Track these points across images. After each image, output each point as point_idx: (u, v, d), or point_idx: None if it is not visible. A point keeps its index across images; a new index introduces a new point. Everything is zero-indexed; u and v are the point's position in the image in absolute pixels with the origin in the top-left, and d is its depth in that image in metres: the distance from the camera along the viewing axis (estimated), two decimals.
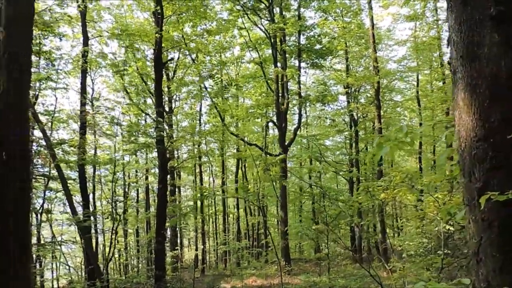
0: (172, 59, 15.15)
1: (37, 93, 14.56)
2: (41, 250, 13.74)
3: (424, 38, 22.87)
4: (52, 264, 22.77)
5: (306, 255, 30.66)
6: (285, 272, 17.45)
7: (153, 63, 13.16)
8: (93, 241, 19.97)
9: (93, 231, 16.74)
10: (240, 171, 28.79)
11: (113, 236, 9.22)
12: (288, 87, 21.27)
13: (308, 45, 22.00)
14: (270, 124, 27.30)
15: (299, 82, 22.12)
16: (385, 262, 17.40)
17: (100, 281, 9.11)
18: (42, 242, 17.47)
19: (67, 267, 19.92)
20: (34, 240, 17.52)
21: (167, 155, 12.94)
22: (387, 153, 2.67)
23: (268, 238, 30.18)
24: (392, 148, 2.68)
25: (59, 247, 17.23)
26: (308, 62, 23.09)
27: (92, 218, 10.30)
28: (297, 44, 21.54)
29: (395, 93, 27.75)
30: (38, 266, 17.47)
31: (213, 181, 30.19)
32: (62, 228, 24.29)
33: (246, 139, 22.80)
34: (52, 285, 21.54)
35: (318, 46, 22.12)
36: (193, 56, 18.43)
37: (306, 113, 29.43)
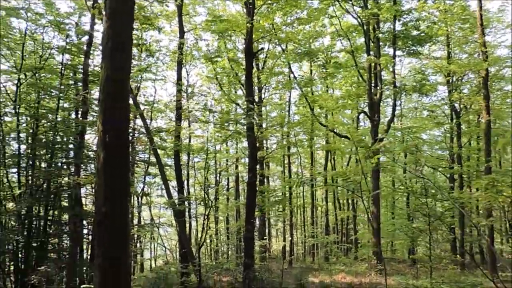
0: (262, 49, 15.16)
1: (139, 84, 15.70)
2: (141, 230, 14.83)
3: None
4: (150, 244, 24.72)
5: (399, 255, 29.02)
6: (377, 271, 16.64)
7: (244, 54, 13.29)
8: (187, 225, 21.16)
9: (187, 215, 17.70)
10: (329, 163, 28.19)
11: (205, 222, 9.52)
12: (382, 77, 20.07)
13: (405, 31, 20.46)
14: (362, 116, 26.22)
15: (393, 71, 20.73)
16: (491, 270, 15.66)
17: (192, 264, 9.49)
18: (142, 223, 18.95)
19: (164, 248, 21.32)
20: (135, 221, 19.10)
21: (257, 145, 13.02)
22: None
23: (358, 234, 29.26)
24: None
25: (156, 229, 18.55)
26: (404, 49, 21.53)
27: (186, 203, 10.79)
28: (392, 30, 20.15)
29: (505, 82, 24.71)
30: (138, 245, 19.01)
31: (302, 172, 29.99)
32: (160, 211, 26.15)
33: (336, 130, 22.10)
34: (150, 263, 23.36)
35: (415, 32, 20.46)
36: (283, 46, 18.30)
37: (401, 104, 27.69)
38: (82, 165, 11.11)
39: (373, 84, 19.67)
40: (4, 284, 10.34)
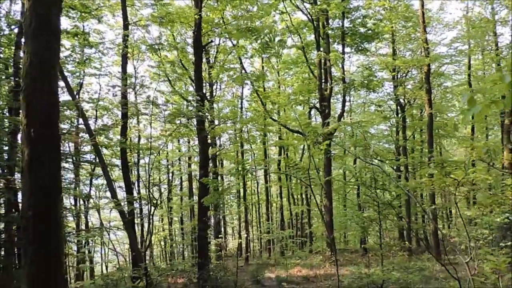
0: (211, 41, 14.80)
1: (81, 80, 14.80)
2: (89, 236, 14.02)
3: (477, 19, 21.32)
4: (101, 249, 23.63)
5: (352, 245, 29.83)
6: (331, 262, 16.90)
7: (193, 47, 12.89)
8: (138, 228, 20.40)
9: (137, 217, 17.00)
10: (282, 160, 28.36)
11: (151, 221, 9.03)
12: (332, 73, 20.42)
13: (353, 28, 20.97)
14: (313, 112, 26.62)
15: (343, 68, 21.17)
16: (436, 254, 16.45)
17: (139, 268, 8.98)
18: (90, 228, 17.97)
19: (115, 253, 20.42)
20: (82, 226, 18.10)
21: (209, 141, 12.70)
22: (478, 113, 2.10)
23: (313, 228, 29.71)
24: (485, 108, 2.11)
25: (106, 234, 17.67)
26: (352, 46, 22.07)
27: (135, 204, 10.24)
28: (341, 27, 20.56)
29: (445, 78, 26.13)
30: (86, 252, 18.02)
31: (255, 168, 29.91)
32: (110, 215, 25.04)
33: (288, 126, 22.21)
34: (101, 269, 22.31)
35: (363, 30, 21.04)
36: (234, 41, 18.05)
37: (350, 100, 28.45)
38: (15, 167, 10.21)
39: (323, 80, 19.99)
40: None
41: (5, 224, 10.20)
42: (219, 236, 18.56)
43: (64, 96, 13.95)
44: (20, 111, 4.13)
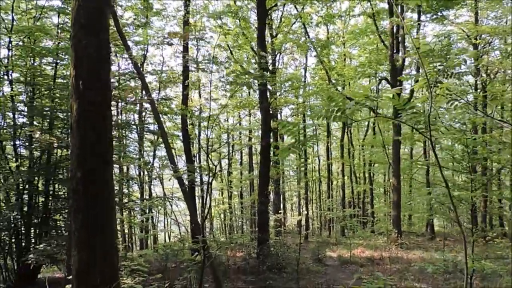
0: (276, 4, 13.94)
1: (145, 52, 14.77)
2: (152, 204, 14.24)
3: None
4: (164, 220, 24.46)
5: (416, 228, 28.16)
6: (397, 245, 15.87)
7: (256, 12, 12.17)
8: (200, 200, 20.60)
9: (198, 188, 17.04)
10: (346, 136, 27.15)
11: (209, 188, 8.66)
12: (405, 43, 18.73)
13: None
14: (382, 85, 24.91)
15: (417, 37, 19.31)
16: None
17: (196, 241, 8.71)
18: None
19: (176, 224, 20.87)
20: (146, 196, 18.60)
21: (270, 111, 12.10)
22: None
23: (375, 208, 28.41)
24: None
25: (169, 204, 18.02)
26: (428, 13, 19.99)
27: (195, 174, 9.96)
28: None
29: None
30: (150, 221, 18.56)
31: (317, 144, 29.04)
32: (173, 187, 25.68)
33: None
34: (164, 238, 23.10)
35: None
36: (299, 9, 17.03)
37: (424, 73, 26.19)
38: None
39: (395, 50, 18.42)
40: (6, 263, 9.82)
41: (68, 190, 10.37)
42: (279, 212, 18.17)
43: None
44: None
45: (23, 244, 10.00)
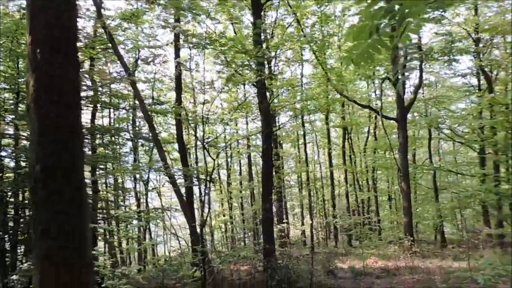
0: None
1: (137, 56, 14.03)
2: (148, 217, 13.33)
3: None
4: (163, 235, 23.50)
5: (425, 235, 27.16)
6: (411, 253, 14.92)
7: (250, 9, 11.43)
8: (200, 212, 19.63)
9: (196, 199, 16.10)
10: (346, 142, 26.36)
11: (208, 186, 7.79)
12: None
13: None
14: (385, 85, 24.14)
15: (419, 36, 18.68)
16: None
17: (195, 255, 7.80)
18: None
19: (176, 238, 19.91)
20: (142, 207, 17.66)
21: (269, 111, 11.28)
22: None
23: (381, 216, 27.46)
24: None
25: (167, 217, 17.08)
26: (426, 15, 19.36)
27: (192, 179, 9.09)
28: None
29: None
30: (148, 236, 17.59)
31: (318, 151, 28.25)
32: (171, 200, 24.69)
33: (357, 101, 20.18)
34: (164, 252, 22.14)
35: None
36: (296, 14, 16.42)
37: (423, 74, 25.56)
38: None
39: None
40: None
41: None
42: (283, 221, 17.23)
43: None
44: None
45: (8, 262, 9.05)
